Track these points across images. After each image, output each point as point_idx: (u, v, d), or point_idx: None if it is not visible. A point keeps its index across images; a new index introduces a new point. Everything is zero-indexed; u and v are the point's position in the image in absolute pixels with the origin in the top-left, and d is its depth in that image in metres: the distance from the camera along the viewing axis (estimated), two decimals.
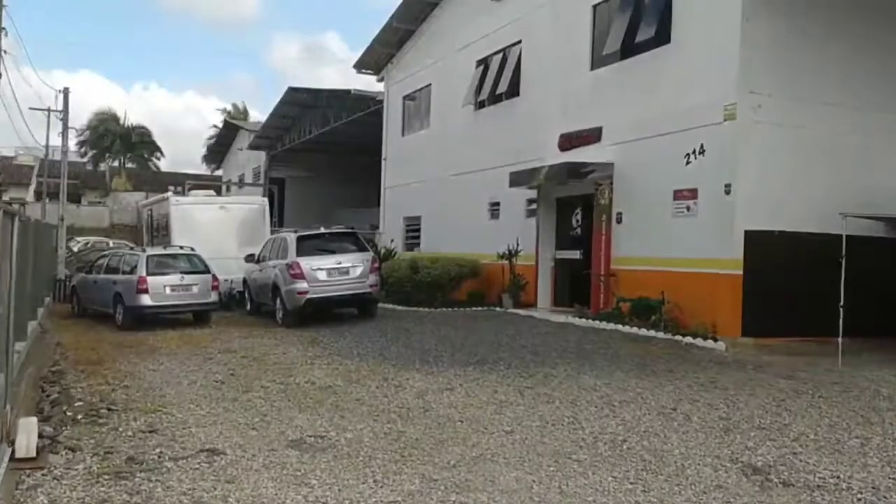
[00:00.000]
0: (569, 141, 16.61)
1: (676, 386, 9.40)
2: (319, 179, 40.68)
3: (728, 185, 12.53)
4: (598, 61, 16.12)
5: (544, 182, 16.19)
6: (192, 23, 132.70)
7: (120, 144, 59.33)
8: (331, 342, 13.10)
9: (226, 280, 18.37)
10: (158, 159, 63.34)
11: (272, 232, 19.94)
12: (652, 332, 13.09)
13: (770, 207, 12.65)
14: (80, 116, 68.78)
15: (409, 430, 7.37)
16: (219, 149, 52.36)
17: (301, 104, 34.81)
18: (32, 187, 57.61)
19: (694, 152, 13.25)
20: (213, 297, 15.91)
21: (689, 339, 12.47)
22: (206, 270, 15.97)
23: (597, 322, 14.21)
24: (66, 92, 27.00)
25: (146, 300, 15.07)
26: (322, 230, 16.42)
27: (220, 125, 52.37)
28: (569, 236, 17.03)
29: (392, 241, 23.67)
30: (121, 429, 7.35)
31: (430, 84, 23.80)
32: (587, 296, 15.87)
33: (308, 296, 14.91)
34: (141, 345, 13.17)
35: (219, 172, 54.46)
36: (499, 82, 19.51)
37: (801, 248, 12.67)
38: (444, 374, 10.12)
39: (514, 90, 19.19)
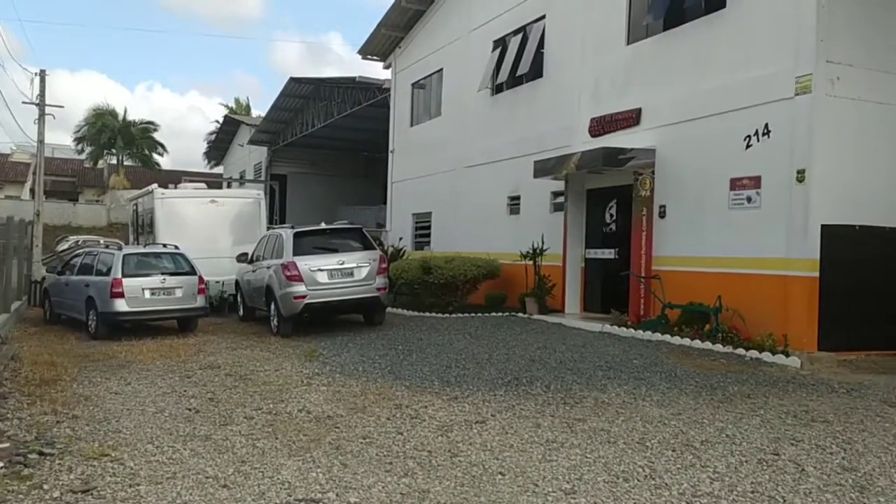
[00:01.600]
0: (601, 125, 14.70)
1: (763, 418, 7.49)
2: (322, 175, 38.98)
3: (801, 172, 10.59)
4: (636, 34, 14.20)
5: (574, 171, 14.26)
6: (195, 23, 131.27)
7: (119, 140, 57.44)
8: (332, 355, 11.22)
9: (217, 282, 16.55)
10: (161, 156, 61.55)
11: (269, 228, 18.07)
12: (707, 345, 11.17)
13: (849, 198, 10.74)
14: (82, 116, 67.05)
15: (433, 488, 5.47)
16: (220, 145, 50.49)
17: (303, 96, 33.02)
18: (28, 185, 55.93)
19: (756, 133, 11.32)
20: (200, 301, 14.02)
21: (754, 354, 10.55)
22: (192, 272, 14.09)
23: (639, 332, 12.30)
24: (42, 74, 25.09)
25: (121, 305, 13.19)
26: (322, 226, 14.52)
27: (222, 121, 50.53)
28: (601, 233, 15.11)
29: (400, 239, 21.79)
30: (46, 486, 5.46)
31: (441, 69, 21.90)
32: (622, 301, 13.97)
33: (306, 301, 13.02)
34: (111, 358, 11.31)
35: (220, 170, 52.60)
36: (519, 63, 17.60)
37: (886, 246, 10.78)
38: (471, 400, 8.22)
39: (536, 71, 17.28)
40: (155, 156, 60.71)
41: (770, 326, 10.74)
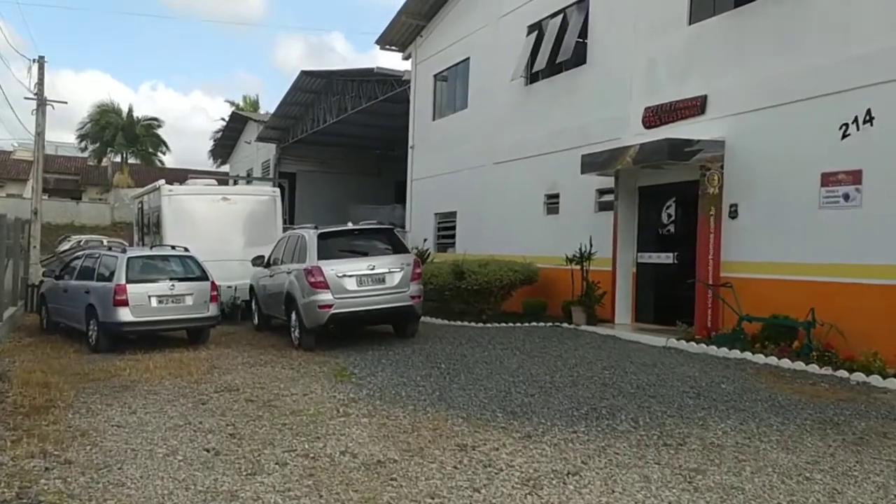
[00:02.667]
0: (658, 115, 13.23)
1: None
2: (333, 173, 37.56)
3: None
4: (700, 12, 12.72)
5: (631, 166, 12.78)
6: (197, 23, 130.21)
7: (122, 137, 56.06)
8: (365, 375, 9.77)
9: (229, 287, 15.14)
10: (164, 153, 60.19)
11: (285, 229, 16.63)
12: (799, 365, 9.70)
13: None
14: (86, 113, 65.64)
15: None
16: (226, 143, 49.06)
17: (314, 91, 31.66)
18: (30, 183, 54.63)
19: (855, 121, 9.84)
20: (212, 309, 12.59)
21: (859, 377, 9.06)
22: (204, 276, 12.67)
23: (712, 348, 10.83)
24: (40, 62, 23.60)
25: (125, 315, 11.75)
26: (350, 226, 13.07)
27: (228, 118, 49.08)
28: (655, 235, 13.64)
29: (425, 240, 20.36)
30: None
31: (467, 58, 20.42)
32: (681, 311, 12.53)
33: (332, 310, 11.57)
34: (113, 377, 9.88)
35: (226, 168, 51.16)
36: (558, 50, 16.13)
37: None
38: (549, 439, 6.75)
39: (578, 58, 15.81)
40: (159, 154, 59.51)
41: (875, 343, 9.26)
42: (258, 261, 14.29)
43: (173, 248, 13.41)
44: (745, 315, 10.80)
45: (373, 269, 11.81)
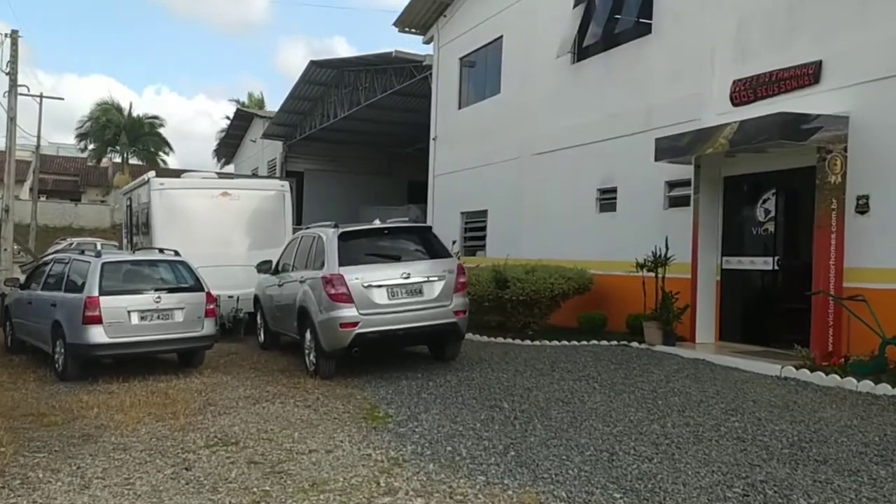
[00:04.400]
0: (753, 88, 10.83)
1: None
2: (342, 172, 35.25)
3: None
4: None
5: (727, 149, 10.34)
6: (202, 27, 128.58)
7: (124, 137, 53.83)
8: (405, 418, 7.40)
9: (230, 297, 12.84)
10: (167, 154, 57.97)
11: (295, 230, 14.28)
12: None
13: None
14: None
15: None
16: (230, 141, 46.70)
17: (324, 83, 29.35)
18: (27, 184, 52.47)
19: None
20: (208, 327, 10.23)
21: None
22: (197, 286, 10.31)
23: (848, 380, 8.38)
24: (13, 36, 21.10)
25: (98, 335, 9.37)
26: (377, 224, 10.72)
27: (233, 116, 46.81)
28: (748, 235, 11.24)
29: (454, 242, 17.97)
30: None
31: (500, 36, 18.04)
32: (782, 329, 10.18)
33: (357, 330, 9.18)
34: (75, 419, 7.56)
35: (230, 168, 48.85)
36: (615, 20, 13.78)
37: None
38: None
39: (641, 27, 13.44)
40: (161, 154, 57.28)
41: None
42: (264, 266, 11.96)
43: (161, 251, 11.07)
44: (892, 338, 8.36)
45: (407, 277, 9.43)
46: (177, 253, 10.85)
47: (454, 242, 18.03)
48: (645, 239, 12.16)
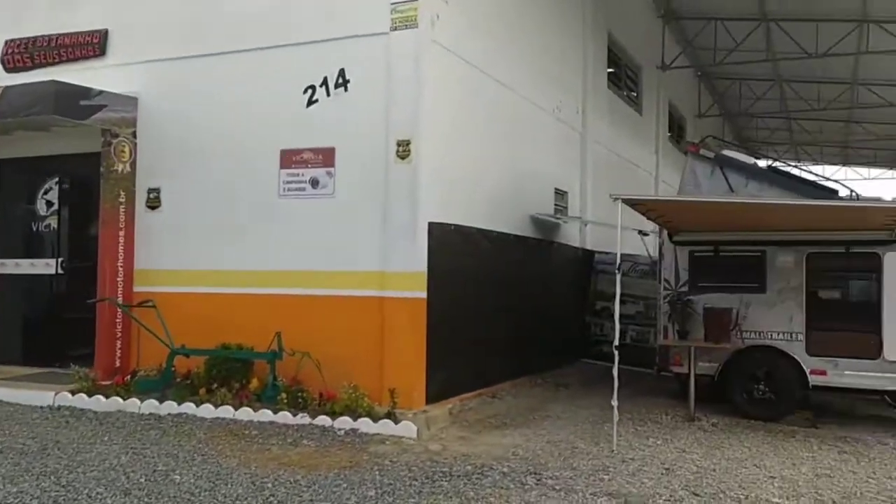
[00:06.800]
0: (29, 53, 8.86)
1: None
2: None
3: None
4: None
5: None
6: None
7: None
8: None
9: None
10: None
11: None
12: (265, 414, 6.87)
13: None
14: None
15: None
16: None
17: None
18: None
19: (325, 84, 7.54)
20: None
21: (346, 422, 6.69)
22: None
23: (132, 401, 7.13)
24: None
25: None
26: None
27: None
28: (26, 231, 9.15)
29: None
30: None
31: None
32: (74, 345, 8.55)
33: None
34: None
35: None
36: None
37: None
38: None
39: None
40: None
41: (354, 374, 7.08)
42: None
43: None
44: (181, 347, 7.46)
45: None
46: None
47: None
48: None
